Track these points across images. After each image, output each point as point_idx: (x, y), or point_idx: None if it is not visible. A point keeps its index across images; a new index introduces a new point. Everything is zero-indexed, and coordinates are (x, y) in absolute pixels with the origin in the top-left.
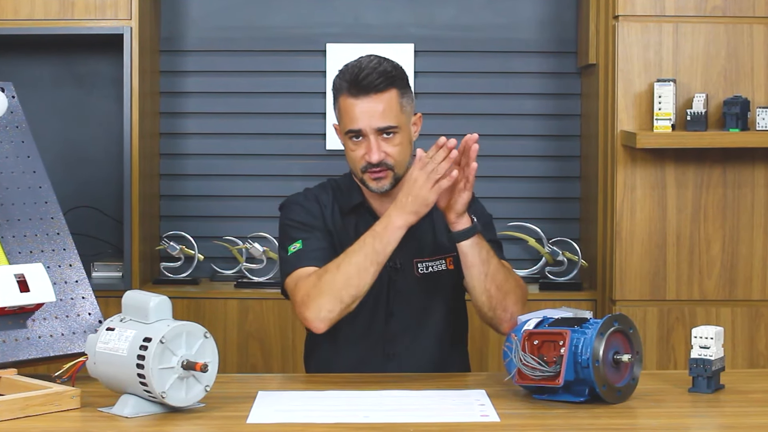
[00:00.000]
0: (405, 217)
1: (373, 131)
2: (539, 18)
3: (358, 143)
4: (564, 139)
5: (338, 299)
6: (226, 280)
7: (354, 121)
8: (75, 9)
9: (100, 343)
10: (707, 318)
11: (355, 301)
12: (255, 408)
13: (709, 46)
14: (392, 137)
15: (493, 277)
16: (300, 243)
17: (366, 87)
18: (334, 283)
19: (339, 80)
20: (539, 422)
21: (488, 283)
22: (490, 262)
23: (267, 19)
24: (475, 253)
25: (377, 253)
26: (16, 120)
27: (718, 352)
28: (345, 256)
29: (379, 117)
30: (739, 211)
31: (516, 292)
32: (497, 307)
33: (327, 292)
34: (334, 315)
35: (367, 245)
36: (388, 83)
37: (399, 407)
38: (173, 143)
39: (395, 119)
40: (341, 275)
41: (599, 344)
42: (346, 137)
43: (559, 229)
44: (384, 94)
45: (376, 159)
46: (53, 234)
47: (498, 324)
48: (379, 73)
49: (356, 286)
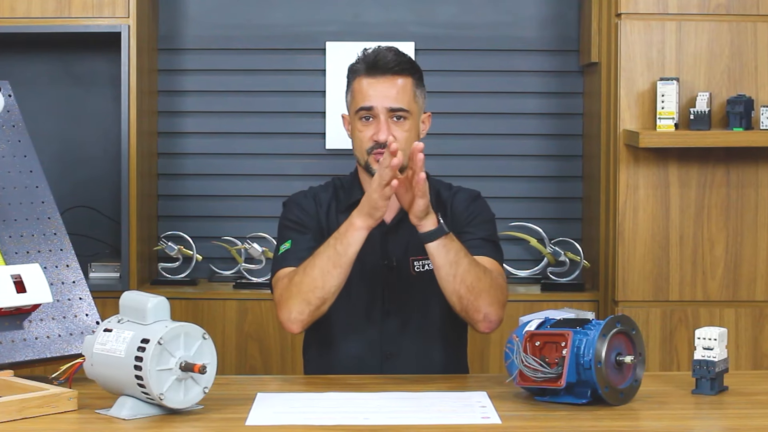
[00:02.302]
0: (363, 219)
1: (384, 111)
2: (541, 16)
3: (368, 124)
4: (566, 138)
5: (306, 301)
6: (225, 280)
7: (367, 98)
8: (72, 7)
9: (98, 345)
10: (711, 319)
11: (324, 302)
12: (254, 410)
13: (713, 45)
14: (402, 122)
15: (462, 278)
16: (289, 243)
17: (383, 67)
18: (301, 286)
19: (356, 64)
20: (541, 424)
21: (457, 285)
22: (460, 263)
23: (266, 17)
24: (442, 254)
25: (339, 255)
26: (13, 119)
27: (721, 353)
28: (311, 259)
29: (393, 97)
30: (742, 211)
31: (490, 293)
32: (468, 308)
33: (295, 295)
34: (305, 317)
35: (329, 247)
36: (405, 69)
37: (399, 409)
38: (171, 142)
39: (407, 104)
40: (307, 278)
41: (602, 345)
42: (355, 118)
43: (561, 229)
44: (399, 78)
45: (384, 138)
46: (50, 234)
47: (473, 324)
48: (398, 57)
49: (321, 288)
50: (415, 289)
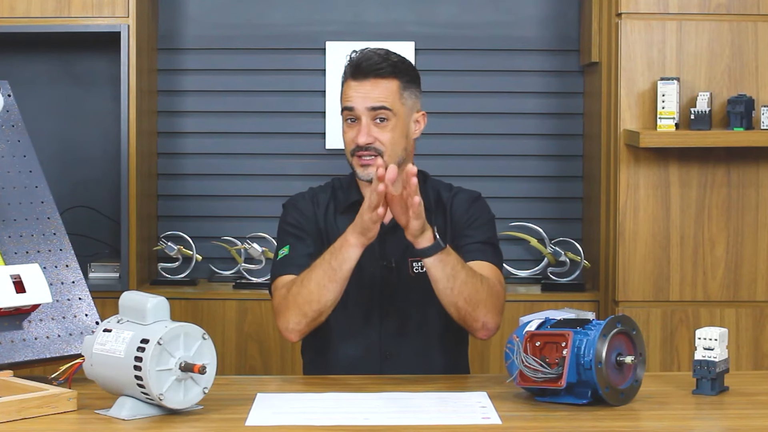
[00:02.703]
0: (356, 236)
1: (365, 111)
2: (541, 15)
3: (352, 126)
4: (566, 138)
5: (302, 313)
6: (225, 280)
7: (349, 99)
8: (72, 7)
9: (97, 345)
10: (711, 319)
11: (320, 314)
12: (254, 410)
13: (713, 44)
14: (385, 123)
15: (460, 291)
16: (288, 248)
17: (365, 70)
18: (297, 298)
19: (346, 66)
20: (541, 425)
21: (455, 297)
22: (457, 276)
23: (266, 16)
24: (438, 269)
25: (335, 271)
26: (12, 119)
27: (722, 353)
28: (308, 271)
29: (373, 97)
30: (743, 211)
31: (488, 302)
32: (467, 318)
33: (292, 306)
34: (302, 327)
35: (325, 262)
36: (390, 71)
37: (399, 410)
38: (171, 142)
39: (390, 103)
40: (304, 290)
41: (602, 346)
42: (342, 120)
43: (562, 230)
44: (383, 80)
45: (363, 141)
46: (50, 234)
47: (472, 333)
48: (383, 59)
49: (318, 302)
50: (414, 290)
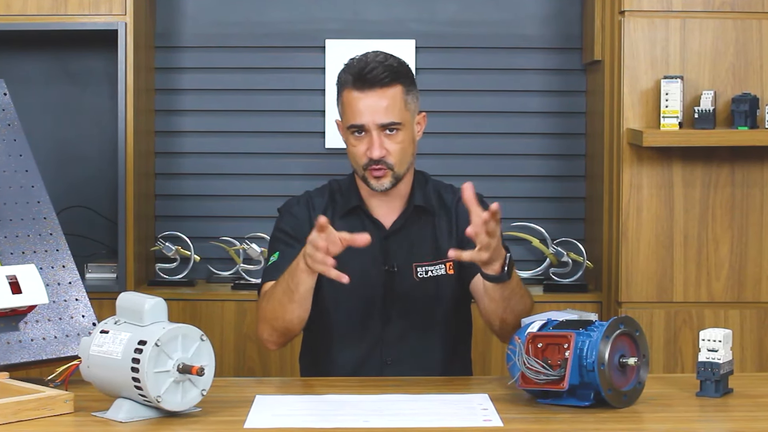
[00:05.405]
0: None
1: (376, 127)
2: (543, 13)
3: (360, 138)
4: (569, 137)
5: (271, 327)
6: (223, 281)
7: (357, 115)
8: (68, 4)
9: (94, 346)
10: (715, 320)
11: (288, 330)
12: (252, 412)
13: (717, 42)
14: (395, 134)
15: (512, 308)
16: (277, 255)
17: (371, 81)
18: (265, 312)
19: (344, 74)
20: (543, 427)
21: (507, 314)
22: (513, 297)
23: (264, 14)
24: (497, 291)
25: (291, 291)
26: (8, 117)
27: (726, 355)
28: (273, 287)
29: (382, 113)
30: (747, 211)
31: (526, 311)
32: (507, 329)
33: (262, 319)
34: (275, 339)
35: (284, 281)
36: (394, 78)
37: (400, 412)
38: (168, 141)
39: (399, 116)
40: (269, 305)
41: (605, 347)
42: (348, 132)
43: (564, 230)
44: (389, 90)
45: (378, 155)
46: (46, 234)
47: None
48: (385, 67)
49: (282, 319)
50: (418, 295)
